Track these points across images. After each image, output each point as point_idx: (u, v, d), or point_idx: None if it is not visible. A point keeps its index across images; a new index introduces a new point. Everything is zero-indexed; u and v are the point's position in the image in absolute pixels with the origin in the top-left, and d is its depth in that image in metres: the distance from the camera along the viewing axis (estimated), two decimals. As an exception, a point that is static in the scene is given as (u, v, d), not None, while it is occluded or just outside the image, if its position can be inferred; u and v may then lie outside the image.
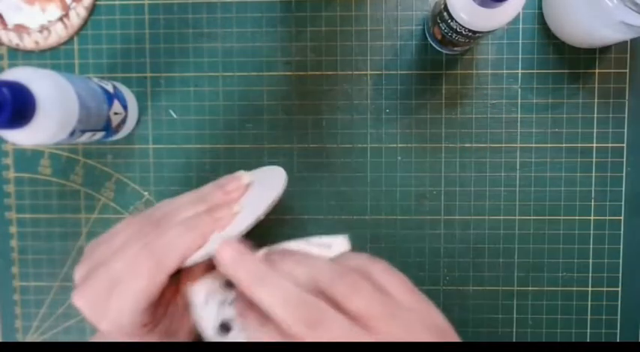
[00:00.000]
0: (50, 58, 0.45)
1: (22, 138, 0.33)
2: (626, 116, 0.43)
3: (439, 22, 0.38)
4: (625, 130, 0.43)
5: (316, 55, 0.44)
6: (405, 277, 0.30)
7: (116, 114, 0.41)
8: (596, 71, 0.43)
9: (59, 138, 0.35)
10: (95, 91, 0.38)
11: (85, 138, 0.38)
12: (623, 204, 0.44)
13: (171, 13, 0.44)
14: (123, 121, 0.42)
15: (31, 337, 0.46)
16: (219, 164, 0.45)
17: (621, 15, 0.34)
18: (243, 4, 0.44)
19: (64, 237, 0.46)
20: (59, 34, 0.44)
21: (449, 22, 0.36)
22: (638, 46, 0.43)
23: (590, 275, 0.44)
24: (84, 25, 0.44)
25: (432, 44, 0.43)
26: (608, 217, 0.44)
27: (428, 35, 0.43)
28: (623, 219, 0.44)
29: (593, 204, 0.44)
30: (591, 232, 0.44)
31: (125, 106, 0.42)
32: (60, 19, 0.44)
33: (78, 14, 0.44)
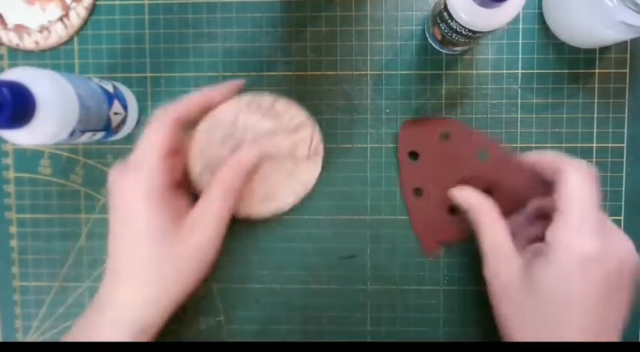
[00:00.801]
0: (50, 58, 0.45)
1: (22, 138, 0.33)
2: (626, 116, 0.43)
3: (439, 22, 0.38)
4: (625, 130, 0.43)
5: (316, 55, 0.44)
6: None
7: (116, 114, 0.41)
8: (596, 71, 0.43)
9: (59, 138, 0.35)
10: (95, 91, 0.38)
11: (85, 138, 0.38)
12: (623, 204, 0.44)
13: (171, 13, 0.44)
14: (123, 121, 0.42)
15: (31, 337, 0.46)
16: (219, 164, 0.45)
17: (621, 15, 0.34)
18: (243, 4, 0.44)
19: (64, 237, 0.46)
20: (59, 34, 0.44)
21: (449, 22, 0.36)
22: (638, 46, 0.43)
23: (590, 275, 0.44)
24: (84, 25, 0.44)
25: (432, 44, 0.43)
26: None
27: (428, 35, 0.43)
28: (623, 219, 0.44)
29: (593, 204, 0.44)
30: (591, 232, 0.44)
31: (125, 106, 0.42)
32: (60, 19, 0.44)
33: (78, 14, 0.44)
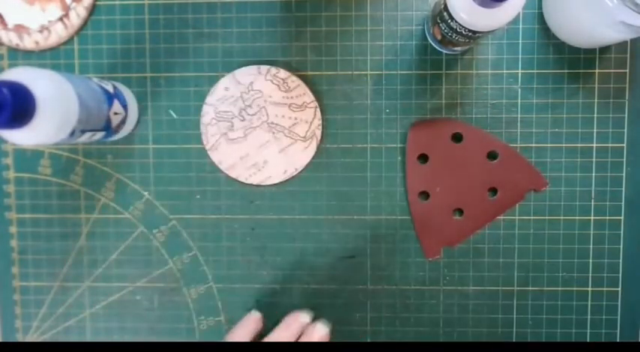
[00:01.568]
0: (50, 58, 0.45)
1: (22, 138, 0.33)
2: (626, 116, 0.43)
3: (439, 22, 0.38)
4: (625, 130, 0.43)
5: (316, 55, 0.44)
6: None
7: (116, 114, 0.41)
8: (596, 71, 0.43)
9: (59, 138, 0.35)
10: (95, 91, 0.38)
11: (85, 138, 0.38)
12: (623, 204, 0.44)
13: (171, 13, 0.44)
14: (123, 121, 0.42)
15: (31, 337, 0.46)
16: (219, 164, 0.45)
17: (621, 15, 0.34)
18: (243, 4, 0.44)
19: (64, 237, 0.46)
20: (59, 34, 0.44)
21: (449, 22, 0.36)
22: (638, 46, 0.43)
23: (590, 275, 0.44)
24: (84, 25, 0.44)
25: (432, 44, 0.43)
26: (608, 217, 0.44)
27: (428, 35, 0.43)
28: (623, 219, 0.44)
29: (593, 204, 0.44)
30: (591, 232, 0.44)
31: (125, 106, 0.42)
32: (60, 19, 0.44)
33: (78, 14, 0.44)
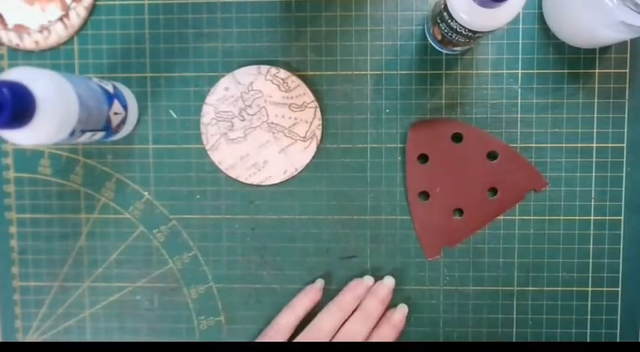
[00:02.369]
0: (50, 58, 0.45)
1: (22, 138, 0.33)
2: (626, 116, 0.43)
3: (439, 22, 0.38)
4: (625, 130, 0.43)
5: (316, 55, 0.44)
6: None
7: (116, 114, 0.41)
8: (596, 71, 0.43)
9: (59, 138, 0.35)
10: (95, 91, 0.38)
11: (85, 138, 0.38)
12: (623, 204, 0.44)
13: (171, 13, 0.44)
14: (123, 121, 0.42)
15: (31, 337, 0.46)
16: (219, 164, 0.45)
17: (621, 15, 0.34)
18: (243, 4, 0.44)
19: (64, 237, 0.46)
20: (59, 34, 0.44)
21: (449, 22, 0.36)
22: (638, 46, 0.43)
23: (590, 275, 0.44)
24: (84, 25, 0.44)
25: (432, 44, 0.43)
26: (608, 217, 0.44)
27: (428, 35, 0.43)
28: (623, 219, 0.44)
29: (593, 204, 0.44)
30: (591, 232, 0.44)
31: (125, 106, 0.42)
32: (60, 19, 0.44)
33: (78, 14, 0.44)
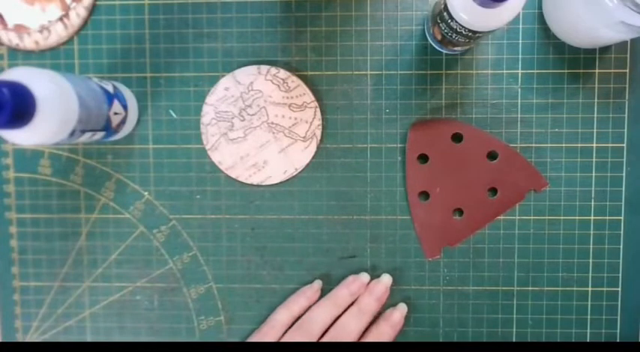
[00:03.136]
0: (50, 58, 0.45)
1: (22, 138, 0.33)
2: (626, 116, 0.43)
3: (439, 22, 0.38)
4: (625, 130, 0.43)
5: (316, 55, 0.44)
6: None
7: (116, 114, 0.41)
8: (596, 71, 0.43)
9: (59, 138, 0.35)
10: (95, 91, 0.38)
11: (85, 138, 0.38)
12: (623, 204, 0.44)
13: (171, 13, 0.44)
14: (123, 121, 0.42)
15: (31, 337, 0.46)
16: (219, 164, 0.45)
17: (621, 15, 0.34)
18: (243, 4, 0.44)
19: (64, 237, 0.46)
20: (59, 34, 0.44)
21: (449, 22, 0.36)
22: (638, 46, 0.43)
23: (590, 275, 0.44)
24: (84, 25, 0.44)
25: (432, 44, 0.43)
26: (608, 217, 0.44)
27: (428, 35, 0.43)
28: (623, 219, 0.44)
29: (593, 204, 0.44)
30: (591, 232, 0.44)
31: (125, 106, 0.42)
32: (60, 19, 0.44)
33: (78, 14, 0.44)
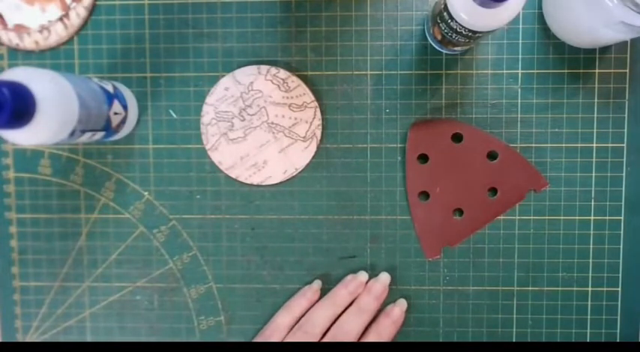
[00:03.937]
0: (50, 58, 0.45)
1: (22, 138, 0.33)
2: (626, 116, 0.43)
3: (439, 22, 0.38)
4: (625, 130, 0.43)
5: (316, 55, 0.44)
6: None
7: (116, 114, 0.41)
8: (596, 71, 0.43)
9: (59, 139, 0.35)
10: (95, 91, 0.38)
11: (85, 138, 0.38)
12: (623, 204, 0.44)
13: (171, 13, 0.44)
14: (123, 121, 0.42)
15: (31, 337, 0.46)
16: (219, 164, 0.45)
17: (621, 15, 0.34)
18: (243, 4, 0.44)
19: (64, 237, 0.46)
20: (59, 34, 0.44)
21: (449, 22, 0.36)
22: (638, 46, 0.43)
23: (590, 275, 0.44)
24: (84, 25, 0.44)
25: (432, 44, 0.43)
26: (608, 217, 0.44)
27: (428, 35, 0.43)
28: (623, 219, 0.44)
29: (593, 204, 0.44)
30: (591, 232, 0.44)
31: (125, 106, 0.42)
32: (60, 19, 0.44)
33: (78, 14, 0.44)
